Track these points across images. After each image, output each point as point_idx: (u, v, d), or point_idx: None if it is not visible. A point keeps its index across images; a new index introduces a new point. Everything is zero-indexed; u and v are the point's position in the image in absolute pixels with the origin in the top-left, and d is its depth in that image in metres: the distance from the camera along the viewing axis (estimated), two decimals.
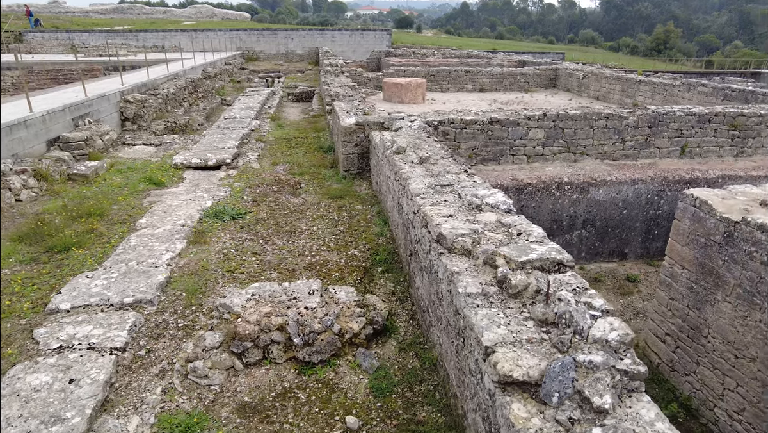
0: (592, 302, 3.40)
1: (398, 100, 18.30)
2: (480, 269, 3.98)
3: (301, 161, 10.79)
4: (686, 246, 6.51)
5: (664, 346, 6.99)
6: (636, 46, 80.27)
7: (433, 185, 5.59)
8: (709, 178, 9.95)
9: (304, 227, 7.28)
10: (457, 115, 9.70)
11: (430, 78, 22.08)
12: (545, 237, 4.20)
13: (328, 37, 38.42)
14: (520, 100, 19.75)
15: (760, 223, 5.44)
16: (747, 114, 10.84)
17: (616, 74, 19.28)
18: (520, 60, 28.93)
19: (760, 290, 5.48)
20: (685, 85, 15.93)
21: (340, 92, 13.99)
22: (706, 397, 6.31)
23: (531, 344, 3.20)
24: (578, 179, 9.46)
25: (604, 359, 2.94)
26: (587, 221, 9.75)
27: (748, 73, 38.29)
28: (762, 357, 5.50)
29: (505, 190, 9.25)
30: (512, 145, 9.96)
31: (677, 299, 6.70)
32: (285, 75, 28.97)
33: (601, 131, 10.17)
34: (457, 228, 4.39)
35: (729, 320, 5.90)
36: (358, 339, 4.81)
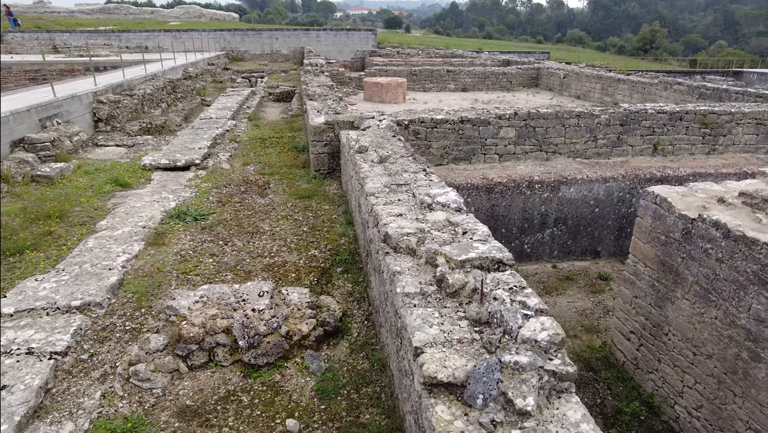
0: (526, 301, 3.36)
1: (379, 99, 18.23)
2: (422, 269, 3.92)
3: (273, 161, 10.69)
4: (648, 244, 6.50)
5: (628, 344, 6.98)
6: (623, 45, 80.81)
7: (389, 184, 5.54)
8: (680, 175, 9.98)
9: (267, 228, 7.19)
10: (427, 115, 9.66)
11: (412, 78, 22.04)
12: (489, 236, 4.15)
13: (313, 37, 38.28)
14: (501, 99, 19.76)
15: (714, 220, 5.43)
16: (717, 112, 10.90)
17: (596, 73, 19.35)
18: (505, 59, 28.97)
19: (715, 286, 5.47)
20: (662, 83, 16.01)
21: (318, 92, 13.90)
22: (667, 394, 6.30)
23: (461, 344, 3.14)
24: (549, 178, 9.44)
25: (531, 359, 2.89)
26: (559, 220, 9.74)
27: (730, 72, 38.72)
28: (718, 354, 5.50)
29: (475, 189, 9.23)
30: (484, 144, 9.92)
31: (640, 297, 6.69)
32: (269, 75, 28.81)
33: (573, 130, 10.17)
34: (404, 227, 4.33)
35: (687, 318, 5.90)
36: (308, 341, 4.73)
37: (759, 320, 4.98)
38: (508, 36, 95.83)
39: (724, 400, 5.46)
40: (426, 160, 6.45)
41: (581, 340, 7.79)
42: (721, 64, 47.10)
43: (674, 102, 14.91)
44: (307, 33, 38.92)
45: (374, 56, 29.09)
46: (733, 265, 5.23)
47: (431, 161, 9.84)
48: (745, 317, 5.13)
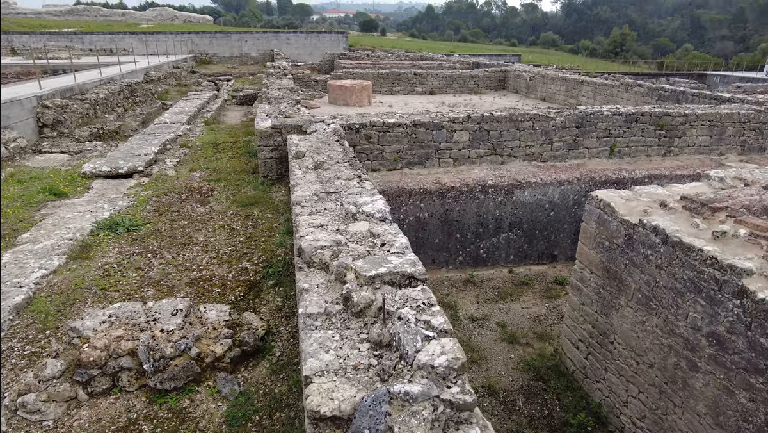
0: (431, 320, 3.10)
1: (343, 102, 17.95)
2: (331, 286, 3.65)
3: (222, 167, 10.31)
4: (593, 250, 6.35)
5: (577, 352, 6.81)
6: (595, 48, 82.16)
7: (319, 192, 5.25)
8: (636, 177, 9.93)
9: (201, 239, 6.83)
10: (380, 118, 9.40)
11: (379, 80, 21.82)
12: (407, 248, 3.90)
13: (283, 40, 37.82)
14: (468, 102, 19.66)
15: (653, 225, 5.29)
16: (672, 114, 10.90)
17: (560, 75, 19.40)
18: (474, 62, 28.98)
19: (656, 294, 5.32)
20: (623, 85, 16.09)
21: (277, 95, 13.55)
22: (613, 404, 6.14)
23: (357, 371, 2.87)
24: (502, 182, 9.28)
25: (424, 389, 2.63)
26: (514, 224, 9.58)
27: (695, 75, 39.51)
28: (659, 363, 5.34)
29: (428, 194, 9.01)
30: (438, 148, 9.71)
31: (587, 304, 6.53)
32: (236, 78, 28.27)
33: (528, 133, 10.03)
34: (319, 240, 4.05)
35: (631, 326, 5.74)
36: (222, 363, 4.41)
37: (695, 328, 4.83)
38: (483, 39, 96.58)
39: (665, 410, 5.30)
40: (363, 166, 6.19)
41: (533, 348, 7.61)
42: (687, 67, 48.13)
43: (635, 103, 14.98)
44: (276, 35, 38.43)
45: (343, 59, 28.80)
46: (672, 272, 5.08)
47: (384, 166, 9.60)
48: (683, 325, 4.99)
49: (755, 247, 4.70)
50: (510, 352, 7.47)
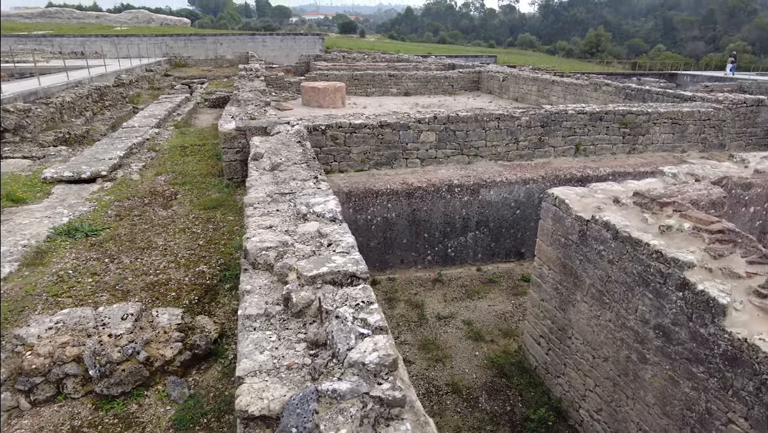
0: (368, 318, 3.12)
1: (317, 104, 17.91)
2: (273, 287, 3.64)
3: (188, 170, 10.20)
4: (551, 246, 6.44)
5: (539, 348, 6.90)
6: (571, 49, 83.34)
7: (273, 193, 5.24)
8: (600, 175, 10.09)
9: (161, 243, 6.75)
10: (346, 120, 9.41)
11: (354, 82, 21.83)
12: (353, 247, 3.91)
13: (259, 42, 37.60)
14: (442, 102, 19.78)
15: (605, 221, 5.39)
16: (635, 112, 11.12)
17: (532, 76, 19.64)
18: (450, 63, 29.17)
19: (608, 289, 5.43)
20: (592, 85, 16.36)
21: (247, 97, 13.48)
22: (573, 398, 6.23)
23: (290, 371, 2.87)
24: (468, 181, 9.36)
25: (353, 386, 2.64)
26: (481, 222, 9.67)
27: (666, 75, 40.33)
28: (612, 357, 5.45)
29: (395, 194, 9.04)
30: (405, 149, 9.76)
31: (546, 300, 6.62)
32: (210, 81, 28.02)
33: (493, 132, 10.14)
34: (265, 241, 4.04)
35: (587, 320, 5.84)
36: (172, 366, 4.36)
37: (644, 321, 4.93)
38: (461, 40, 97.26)
39: (619, 402, 5.40)
40: (331, 167, 6.20)
41: (498, 345, 7.68)
42: (659, 67, 49.14)
43: (603, 102, 15.23)
44: (252, 38, 38.18)
45: (319, 61, 28.75)
46: (622, 266, 5.18)
47: (352, 167, 9.61)
48: (633, 319, 5.09)
49: (698, 240, 4.82)
50: (475, 349, 7.54)
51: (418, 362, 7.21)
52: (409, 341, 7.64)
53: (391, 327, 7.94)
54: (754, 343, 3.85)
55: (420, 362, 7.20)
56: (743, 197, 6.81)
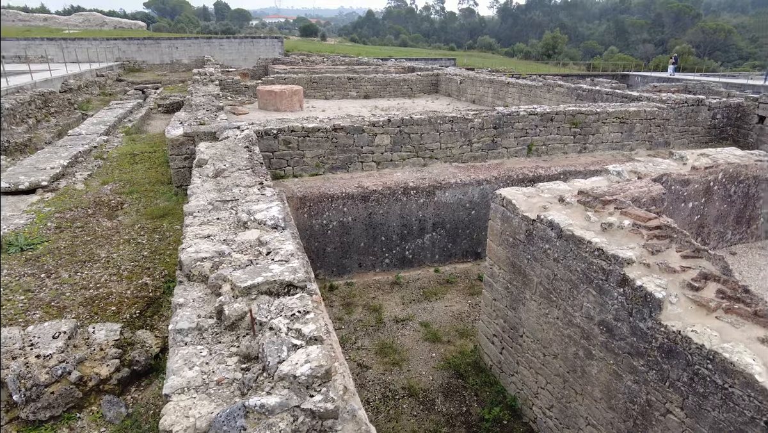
0: (303, 328, 3.04)
1: (274, 108, 17.68)
2: (208, 299, 3.52)
3: (137, 178, 9.86)
4: (500, 246, 6.51)
5: (493, 347, 6.96)
6: (529, 51, 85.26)
7: (215, 201, 5.09)
8: (551, 174, 10.31)
9: (104, 255, 6.47)
10: (299, 123, 9.29)
11: (313, 85, 21.67)
12: (292, 255, 3.83)
13: (216, 46, 36.89)
14: (401, 105, 19.86)
15: (549, 220, 5.48)
16: (585, 112, 11.43)
17: (488, 78, 19.96)
18: (410, 66, 29.33)
19: (555, 287, 5.51)
20: (545, 86, 16.73)
21: (199, 102, 13.15)
22: (526, 396, 6.31)
23: (220, 386, 2.77)
24: (424, 183, 9.39)
25: (283, 400, 2.56)
26: (437, 224, 9.71)
27: (618, 76, 41.76)
28: (561, 353, 5.54)
29: (351, 198, 8.97)
30: (360, 152, 9.71)
31: (498, 300, 6.69)
32: (165, 86, 27.27)
33: (447, 135, 10.22)
34: (201, 252, 3.90)
35: (536, 319, 5.92)
36: (108, 385, 4.17)
37: (589, 317, 5.03)
38: (422, 43, 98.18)
39: (569, 398, 5.50)
40: (265, 172, 6.06)
41: (454, 345, 7.71)
42: (612, 68, 50.85)
43: (556, 103, 15.61)
44: (209, 42, 37.43)
45: (277, 64, 28.42)
46: (567, 264, 5.28)
47: (306, 171, 9.49)
48: (579, 316, 5.19)
49: (637, 236, 4.96)
50: (432, 351, 7.54)
51: (375, 366, 7.16)
52: (366, 346, 7.59)
53: (349, 332, 7.87)
54: (687, 335, 3.97)
55: (377, 366, 7.16)
56: (682, 193, 7.07)
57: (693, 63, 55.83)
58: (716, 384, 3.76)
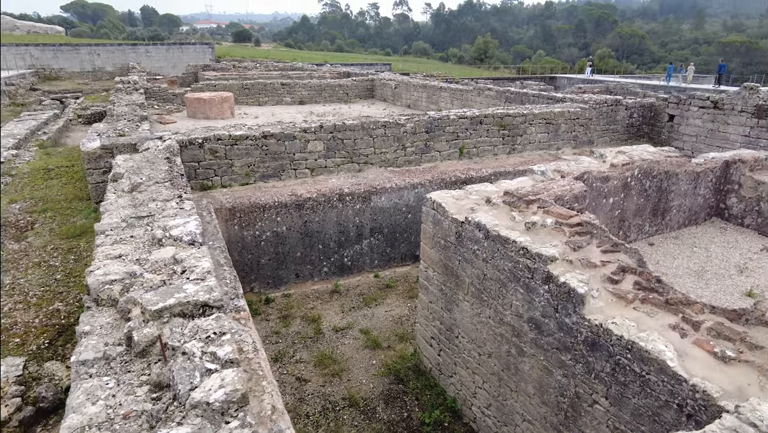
0: (218, 351, 2.87)
1: (203, 116, 17.05)
2: (116, 324, 3.27)
3: (52, 195, 9.16)
4: (433, 249, 6.55)
5: (431, 349, 6.99)
6: (462, 55, 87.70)
7: (129, 217, 4.77)
8: (483, 176, 10.55)
9: (9, 281, 5.93)
10: (225, 131, 8.98)
11: (245, 91, 21.13)
12: (209, 272, 3.63)
13: (142, 53, 35.26)
14: (337, 111, 19.74)
15: (477, 221, 5.56)
16: (513, 114, 11.80)
17: (422, 83, 20.25)
18: (345, 71, 29.29)
19: (485, 286, 5.60)
20: (476, 90, 17.18)
21: (122, 111, 12.45)
22: (465, 396, 6.37)
23: (127, 420, 2.55)
24: (359, 189, 9.33)
25: (194, 430, 2.40)
26: (375, 229, 9.68)
27: (547, 78, 43.73)
28: (495, 352, 5.63)
29: (284, 207, 8.77)
30: (292, 160, 9.52)
31: (434, 302, 6.73)
32: (86, 95, 25.70)
33: (380, 140, 10.23)
34: (110, 274, 3.63)
35: (470, 319, 5.99)
36: (8, 428, 3.78)
37: (518, 315, 5.14)
38: (358, 48, 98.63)
39: (505, 396, 5.59)
40: (185, 184, 5.78)
41: (394, 350, 7.69)
42: (541, 71, 53.21)
43: (487, 106, 16.05)
44: (134, 48, 35.71)
45: (207, 71, 27.52)
46: (495, 264, 5.37)
47: (236, 181, 9.18)
48: (509, 314, 5.29)
49: (560, 234, 5.12)
50: (372, 358, 7.48)
51: (315, 379, 7.00)
52: (305, 358, 7.41)
53: (286, 346, 7.66)
54: (608, 327, 4.12)
55: (316, 378, 7.00)
56: (603, 189, 7.42)
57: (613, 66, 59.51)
58: (635, 372, 3.92)
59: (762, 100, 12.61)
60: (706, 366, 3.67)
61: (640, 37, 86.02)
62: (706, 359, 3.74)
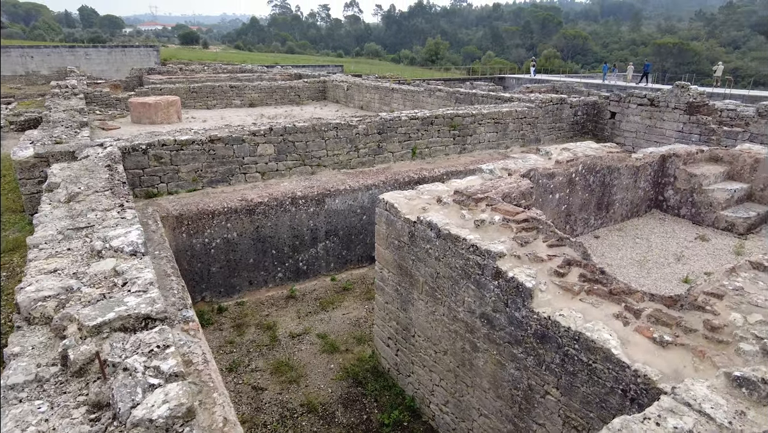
0: (161, 365, 2.76)
1: (149, 121, 16.46)
2: (51, 344, 3.09)
3: None
4: (387, 249, 6.57)
5: (389, 350, 7.00)
6: (414, 57, 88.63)
7: (66, 229, 4.53)
8: (435, 175, 10.67)
9: None
10: (170, 136, 8.69)
11: (193, 95, 20.55)
12: (152, 283, 3.50)
13: (81, 56, 33.65)
14: (288, 113, 19.50)
15: (428, 221, 5.61)
16: (462, 114, 12.01)
17: (374, 84, 20.31)
18: (297, 73, 28.99)
19: (438, 284, 5.66)
20: (427, 91, 17.39)
21: (60, 117, 11.81)
22: (423, 395, 6.41)
23: None
24: (312, 192, 9.24)
25: None
26: (330, 232, 9.61)
27: (496, 78, 44.80)
28: (450, 349, 5.69)
29: (235, 213, 8.56)
30: (242, 164, 9.32)
31: (390, 302, 6.74)
32: (19, 101, 24.28)
33: (333, 141, 10.17)
34: (43, 289, 3.43)
35: (425, 317, 6.04)
36: None
37: (471, 311, 5.22)
38: (310, 50, 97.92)
39: (462, 392, 5.67)
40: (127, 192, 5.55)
41: (352, 353, 7.65)
42: (490, 72, 54.47)
43: (438, 107, 16.25)
44: (72, 51, 34.03)
45: (152, 74, 26.58)
46: (447, 262, 5.44)
47: (183, 187, 8.89)
48: (462, 311, 5.36)
49: (507, 230, 5.24)
50: (330, 362, 7.41)
51: (271, 387, 6.87)
52: (261, 366, 7.26)
53: (241, 355, 7.48)
54: (556, 320, 4.24)
55: (273, 386, 6.87)
56: (549, 186, 7.66)
57: (559, 65, 61.66)
58: (582, 362, 4.05)
59: (692, 98, 13.39)
60: (647, 351, 3.84)
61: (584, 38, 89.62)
62: (646, 345, 3.91)
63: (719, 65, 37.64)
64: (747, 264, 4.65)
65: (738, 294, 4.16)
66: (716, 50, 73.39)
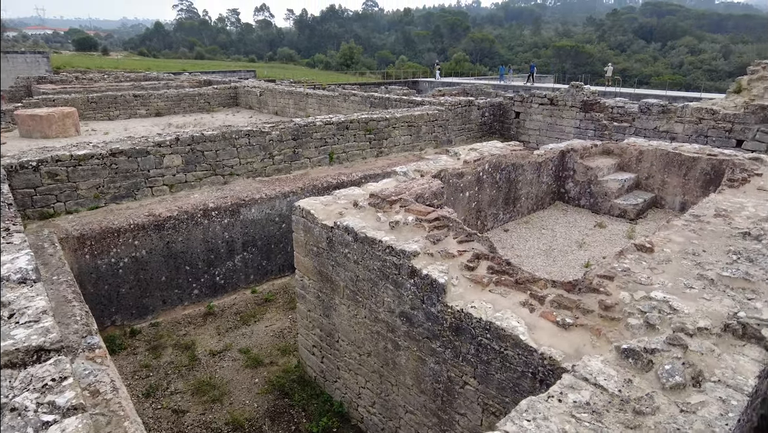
0: (57, 400, 2.56)
1: (41, 134, 15.12)
2: None
3: None
4: (306, 257, 6.53)
5: (314, 358, 6.96)
6: (329, 61, 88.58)
7: None
8: (353, 179, 10.75)
9: None
10: (66, 151, 8.05)
11: (92, 105, 19.15)
12: (45, 312, 3.23)
13: None
14: (198, 121, 18.75)
15: (345, 225, 5.65)
16: (377, 119, 12.21)
17: (288, 89, 20.07)
18: (206, 80, 27.96)
19: (359, 287, 5.72)
20: (341, 95, 17.47)
21: None
22: (351, 399, 6.44)
23: None
24: (225, 202, 8.96)
25: None
26: (247, 243, 9.37)
27: (410, 82, 45.93)
28: (374, 350, 5.77)
29: (142, 229, 8.10)
30: (147, 177, 8.84)
31: (312, 310, 6.70)
32: None
33: (245, 149, 9.93)
34: None
35: (347, 321, 6.07)
36: None
37: (391, 311, 5.33)
38: (220, 55, 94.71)
39: (387, 391, 5.76)
40: (13, 215, 5.09)
41: (277, 365, 7.51)
42: (404, 76, 55.69)
43: (353, 111, 16.39)
44: None
45: (44, 83, 24.42)
46: (366, 264, 5.51)
47: (83, 205, 8.28)
48: (382, 311, 5.46)
49: (420, 230, 5.41)
50: (254, 376, 7.23)
51: (193, 408, 6.58)
52: (180, 388, 6.92)
53: (159, 378, 7.08)
54: (468, 312, 4.44)
55: (195, 408, 6.58)
56: (459, 185, 7.99)
57: (468, 68, 64.31)
58: (495, 350, 4.27)
59: (586, 97, 14.55)
60: (552, 335, 4.13)
61: (491, 41, 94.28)
62: (551, 329, 4.20)
63: (609, 66, 41.27)
64: (632, 247, 5.14)
65: (626, 274, 4.59)
66: (607, 52, 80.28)
